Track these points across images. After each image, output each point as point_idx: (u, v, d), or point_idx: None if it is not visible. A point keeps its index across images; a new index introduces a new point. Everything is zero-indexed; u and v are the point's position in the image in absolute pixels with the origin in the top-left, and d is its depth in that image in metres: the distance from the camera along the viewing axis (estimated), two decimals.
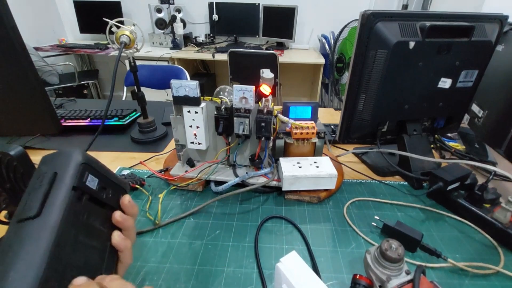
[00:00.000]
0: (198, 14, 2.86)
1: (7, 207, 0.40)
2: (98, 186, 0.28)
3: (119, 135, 0.90)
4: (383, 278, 0.36)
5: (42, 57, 2.50)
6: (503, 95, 0.68)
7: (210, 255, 0.49)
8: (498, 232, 0.52)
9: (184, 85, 0.56)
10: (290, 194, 0.62)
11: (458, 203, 0.58)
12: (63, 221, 0.23)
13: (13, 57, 0.54)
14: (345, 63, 2.20)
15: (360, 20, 0.58)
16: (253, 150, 0.65)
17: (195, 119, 0.59)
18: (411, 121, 0.70)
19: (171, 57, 2.40)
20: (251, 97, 0.56)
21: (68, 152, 0.27)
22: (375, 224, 0.56)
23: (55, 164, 0.26)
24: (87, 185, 0.26)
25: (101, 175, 0.29)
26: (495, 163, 0.75)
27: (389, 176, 0.72)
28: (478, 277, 0.46)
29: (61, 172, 0.25)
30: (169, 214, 0.58)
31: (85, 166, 0.27)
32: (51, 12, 2.81)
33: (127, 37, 0.70)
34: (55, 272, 0.22)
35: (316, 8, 2.76)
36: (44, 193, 0.24)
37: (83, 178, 0.26)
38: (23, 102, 0.59)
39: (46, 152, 0.79)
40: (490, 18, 0.63)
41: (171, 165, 0.70)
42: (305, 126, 0.63)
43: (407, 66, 0.61)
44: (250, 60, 2.11)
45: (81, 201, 0.26)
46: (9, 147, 0.35)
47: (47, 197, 0.24)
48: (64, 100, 1.16)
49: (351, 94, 0.64)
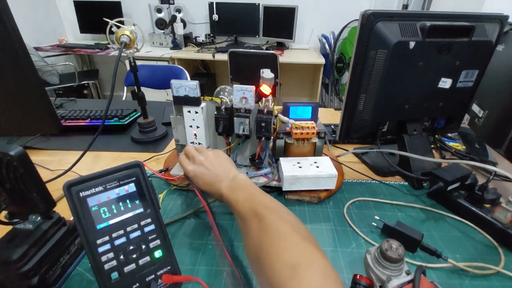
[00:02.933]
0: (198, 14, 2.86)
1: (7, 207, 0.40)
2: None
3: (119, 135, 0.90)
4: (383, 278, 0.36)
5: (43, 57, 2.50)
6: (503, 95, 0.68)
7: (210, 255, 0.49)
8: (498, 232, 0.52)
9: (184, 85, 0.56)
10: (290, 194, 0.62)
11: (458, 203, 0.58)
12: None
13: (13, 57, 0.54)
14: (345, 63, 2.20)
15: (360, 20, 0.58)
16: (253, 150, 0.65)
17: (195, 119, 0.59)
18: (411, 121, 0.70)
19: (171, 57, 2.40)
20: (251, 97, 0.56)
21: None
22: (375, 224, 0.56)
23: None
24: None
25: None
26: (495, 163, 0.75)
27: (389, 176, 0.72)
28: (478, 277, 0.46)
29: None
30: (169, 214, 0.58)
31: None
32: (51, 12, 2.81)
33: (127, 37, 0.70)
34: None
35: (316, 8, 2.76)
36: None
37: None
38: (23, 102, 0.59)
39: (46, 152, 0.79)
40: (490, 18, 0.63)
41: (171, 165, 0.70)
42: (305, 126, 0.63)
43: (407, 66, 0.61)
44: (250, 60, 2.11)
45: None
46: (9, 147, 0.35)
47: None
48: (64, 100, 1.16)
49: (351, 94, 0.64)
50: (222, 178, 0.48)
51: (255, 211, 0.38)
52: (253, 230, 0.37)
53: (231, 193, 0.44)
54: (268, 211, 0.38)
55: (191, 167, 0.51)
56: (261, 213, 0.37)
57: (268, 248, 0.33)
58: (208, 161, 0.51)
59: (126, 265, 0.36)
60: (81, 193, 0.35)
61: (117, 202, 0.37)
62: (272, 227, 0.35)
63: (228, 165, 0.51)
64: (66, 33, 2.96)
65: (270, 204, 0.40)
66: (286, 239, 0.33)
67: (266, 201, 0.41)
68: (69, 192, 0.34)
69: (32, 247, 0.39)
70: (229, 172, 0.49)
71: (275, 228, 0.35)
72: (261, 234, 0.35)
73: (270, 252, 0.32)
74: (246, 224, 0.38)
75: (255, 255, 0.34)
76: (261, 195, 0.42)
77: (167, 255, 0.39)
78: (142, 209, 0.38)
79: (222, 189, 0.46)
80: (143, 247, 0.38)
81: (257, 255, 0.34)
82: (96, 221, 0.35)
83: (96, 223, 0.35)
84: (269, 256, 0.32)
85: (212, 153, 0.53)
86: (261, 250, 0.33)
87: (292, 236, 0.34)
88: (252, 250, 0.36)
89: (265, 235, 0.35)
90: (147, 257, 0.38)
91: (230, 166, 0.51)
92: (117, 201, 0.37)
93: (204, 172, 0.49)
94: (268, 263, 0.31)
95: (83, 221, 0.35)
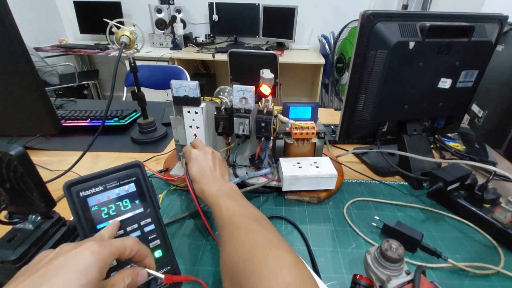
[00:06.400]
0: (198, 14, 2.87)
1: (7, 207, 0.40)
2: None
3: (119, 136, 0.90)
4: (383, 278, 0.36)
5: (42, 57, 2.50)
6: (503, 95, 0.68)
7: (210, 255, 0.49)
8: (498, 232, 0.52)
9: (184, 85, 0.56)
10: (290, 194, 0.62)
11: (458, 203, 0.58)
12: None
13: (13, 57, 0.54)
14: (345, 63, 2.20)
15: (360, 20, 0.58)
16: (253, 150, 0.65)
17: (195, 119, 0.59)
18: (411, 121, 0.70)
19: (171, 58, 2.40)
20: (251, 97, 0.56)
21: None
22: (375, 224, 0.56)
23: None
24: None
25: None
26: (495, 163, 0.75)
27: (389, 176, 0.72)
28: (478, 277, 0.46)
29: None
30: (169, 214, 0.58)
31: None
32: (52, 13, 2.81)
33: (127, 37, 0.71)
34: None
35: (316, 8, 2.76)
36: None
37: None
38: (23, 102, 0.59)
39: (46, 152, 0.79)
40: (490, 18, 0.63)
41: (171, 165, 0.70)
42: (305, 126, 0.63)
43: (407, 66, 0.61)
44: (250, 60, 2.11)
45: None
46: (10, 147, 0.35)
47: None
48: (64, 101, 1.16)
49: (351, 94, 0.64)
50: (217, 176, 0.48)
51: (242, 223, 0.38)
52: (233, 238, 0.36)
53: (220, 197, 0.43)
54: (255, 224, 0.37)
55: (195, 150, 0.51)
56: (247, 227, 0.37)
57: (258, 269, 0.30)
58: (213, 156, 0.52)
59: (126, 264, 0.36)
60: (81, 193, 0.35)
61: (117, 202, 0.37)
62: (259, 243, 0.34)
63: (226, 171, 0.52)
64: (66, 34, 2.96)
65: (259, 219, 0.39)
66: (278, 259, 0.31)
67: (256, 215, 0.40)
68: (69, 192, 0.34)
69: (32, 247, 0.39)
70: (225, 175, 0.50)
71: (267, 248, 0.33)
72: (249, 246, 0.33)
73: (261, 271, 0.30)
74: (228, 233, 0.37)
75: (236, 267, 0.32)
76: (251, 209, 0.42)
77: (167, 255, 0.39)
78: (142, 209, 0.38)
79: (211, 185, 0.45)
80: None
81: (239, 269, 0.32)
82: (96, 221, 0.35)
83: (96, 223, 0.35)
84: (261, 274, 0.30)
85: (218, 154, 0.54)
86: (248, 264, 0.31)
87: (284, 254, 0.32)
88: (232, 261, 0.34)
89: (254, 248, 0.33)
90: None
91: (226, 173, 0.51)
92: (117, 201, 0.37)
93: (204, 161, 0.50)
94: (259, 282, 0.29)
95: (83, 221, 0.35)
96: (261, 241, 0.34)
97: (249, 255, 0.32)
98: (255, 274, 0.30)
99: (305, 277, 0.29)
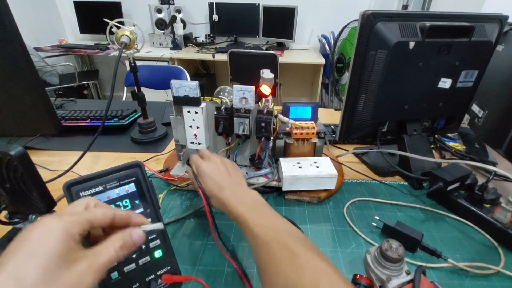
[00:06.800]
0: (198, 14, 2.87)
1: (7, 207, 0.40)
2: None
3: (119, 136, 0.90)
4: (383, 278, 0.36)
5: (42, 57, 2.50)
6: (503, 95, 0.68)
7: (210, 255, 0.49)
8: (498, 232, 0.52)
9: (184, 85, 0.56)
10: (290, 194, 0.62)
11: (458, 203, 0.58)
12: None
13: (13, 57, 0.54)
14: (345, 63, 2.20)
15: (360, 20, 0.58)
16: (253, 150, 0.65)
17: (195, 119, 0.59)
18: (411, 121, 0.70)
19: (171, 58, 2.40)
20: (251, 97, 0.56)
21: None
22: (375, 224, 0.56)
23: None
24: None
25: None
26: (495, 163, 0.75)
27: (389, 176, 0.72)
28: (478, 277, 0.46)
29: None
30: (169, 214, 0.58)
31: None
32: (52, 13, 2.81)
33: (127, 37, 0.71)
34: None
35: (316, 8, 2.76)
36: None
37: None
38: (23, 102, 0.59)
39: (46, 152, 0.79)
40: (490, 18, 0.63)
41: (171, 165, 0.70)
42: (305, 126, 0.63)
43: (407, 66, 0.61)
44: (250, 61, 2.11)
45: None
46: (10, 147, 0.35)
47: None
48: (64, 101, 1.16)
49: (351, 94, 0.64)
50: (235, 186, 0.45)
51: (283, 241, 0.35)
52: (282, 263, 0.32)
53: (246, 210, 0.40)
54: (299, 245, 0.34)
55: (205, 163, 0.48)
56: (291, 246, 0.34)
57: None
58: (224, 164, 0.49)
59: (126, 264, 0.36)
60: (81, 193, 0.35)
61: (117, 202, 0.37)
62: (310, 267, 0.31)
63: (241, 177, 0.49)
64: (66, 34, 2.96)
65: (298, 235, 0.37)
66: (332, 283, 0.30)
67: (291, 230, 0.38)
68: (69, 192, 0.34)
69: None
70: (242, 182, 0.47)
71: (315, 271, 0.31)
72: (296, 271, 0.31)
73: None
74: (270, 253, 0.34)
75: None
76: (283, 222, 0.39)
77: (167, 255, 0.40)
78: (142, 209, 0.38)
79: (231, 200, 0.42)
80: (143, 246, 0.38)
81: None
82: None
83: None
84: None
85: (227, 159, 0.52)
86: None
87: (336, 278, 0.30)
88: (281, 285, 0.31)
89: (303, 274, 0.31)
90: (147, 257, 0.38)
91: (243, 179, 0.48)
92: (117, 201, 0.37)
93: (218, 173, 0.47)
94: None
95: None
96: (321, 268, 0.32)
97: (315, 282, 0.30)
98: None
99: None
